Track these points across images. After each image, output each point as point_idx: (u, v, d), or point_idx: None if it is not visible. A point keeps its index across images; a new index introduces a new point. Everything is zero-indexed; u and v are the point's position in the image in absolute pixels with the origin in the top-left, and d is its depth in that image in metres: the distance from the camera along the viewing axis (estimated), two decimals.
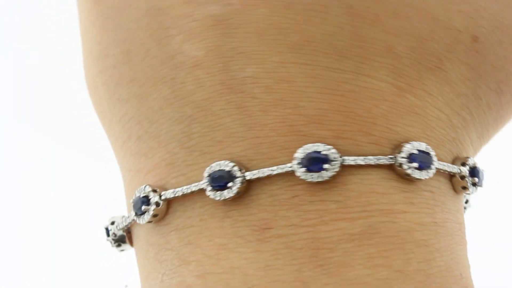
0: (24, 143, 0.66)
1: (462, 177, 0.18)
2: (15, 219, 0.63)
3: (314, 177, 0.16)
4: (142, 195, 0.18)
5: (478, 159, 0.20)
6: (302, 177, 0.17)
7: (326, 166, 0.16)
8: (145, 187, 0.18)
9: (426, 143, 0.17)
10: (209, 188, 0.17)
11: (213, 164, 0.17)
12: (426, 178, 0.17)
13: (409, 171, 0.17)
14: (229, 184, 0.17)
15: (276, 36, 0.17)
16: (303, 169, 0.16)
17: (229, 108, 0.17)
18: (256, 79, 0.17)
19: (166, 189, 0.18)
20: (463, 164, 0.18)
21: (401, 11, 0.17)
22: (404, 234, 0.17)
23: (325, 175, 0.16)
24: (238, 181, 0.17)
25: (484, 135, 0.20)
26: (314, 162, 0.16)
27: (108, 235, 0.22)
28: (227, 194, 0.17)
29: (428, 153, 0.17)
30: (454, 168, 0.18)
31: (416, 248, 0.17)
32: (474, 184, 0.19)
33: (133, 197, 0.19)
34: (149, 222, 0.18)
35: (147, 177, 0.19)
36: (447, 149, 0.18)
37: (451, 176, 0.18)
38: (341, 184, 0.17)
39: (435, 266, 0.17)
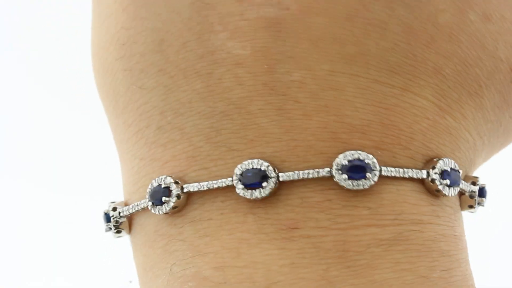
0: (24, 143, 0.63)
1: (471, 196, 0.19)
2: (15, 219, 0.61)
3: (354, 184, 0.17)
4: (163, 186, 0.18)
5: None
6: (342, 184, 0.17)
7: (368, 175, 0.17)
8: (165, 177, 0.18)
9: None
10: (240, 186, 0.17)
11: (245, 162, 0.17)
12: (452, 196, 0.18)
13: (440, 187, 0.18)
14: (264, 184, 0.17)
15: (331, 45, 0.17)
16: (344, 176, 0.17)
17: (267, 109, 0.17)
18: (302, 84, 0.17)
19: (184, 181, 0.18)
20: (473, 184, 0.19)
21: (455, 36, 0.18)
22: (430, 244, 0.17)
23: (365, 183, 0.17)
24: (272, 181, 0.17)
25: (488, 156, 0.21)
26: (357, 170, 0.17)
27: (108, 220, 0.21)
28: (258, 194, 0.17)
29: (458, 171, 0.18)
30: (468, 187, 0.19)
31: (440, 257, 0.17)
32: (478, 203, 0.20)
33: (151, 186, 0.19)
34: (166, 213, 0.18)
35: (163, 167, 0.19)
36: (464, 169, 0.19)
37: (461, 194, 0.19)
38: (376, 192, 0.17)
39: (454, 275, 0.18)
